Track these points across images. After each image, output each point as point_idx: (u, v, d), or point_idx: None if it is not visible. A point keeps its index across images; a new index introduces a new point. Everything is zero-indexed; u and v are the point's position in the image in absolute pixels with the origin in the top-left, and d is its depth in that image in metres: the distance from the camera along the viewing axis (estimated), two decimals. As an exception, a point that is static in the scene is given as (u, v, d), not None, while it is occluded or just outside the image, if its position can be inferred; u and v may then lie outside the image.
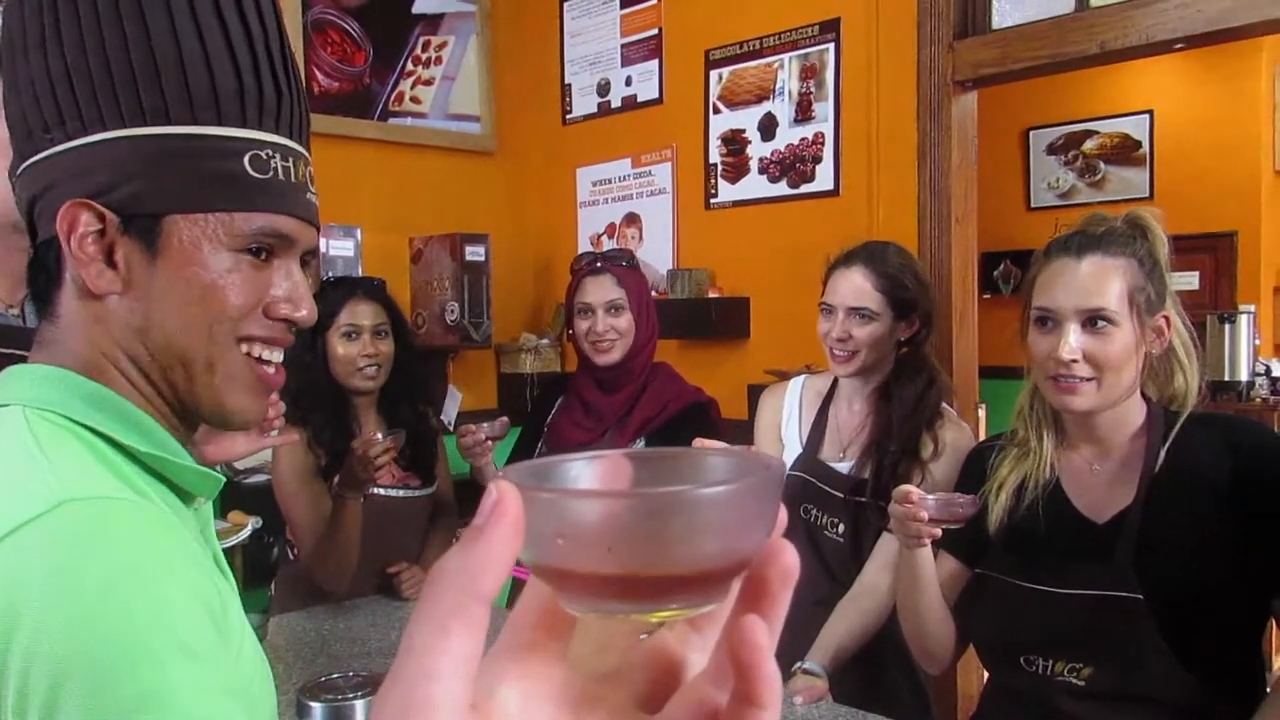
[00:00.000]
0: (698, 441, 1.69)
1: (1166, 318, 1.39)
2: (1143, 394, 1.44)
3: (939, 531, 1.43)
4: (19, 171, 0.75)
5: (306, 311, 0.80)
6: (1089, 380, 1.36)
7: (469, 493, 2.38)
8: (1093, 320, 1.35)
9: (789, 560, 0.31)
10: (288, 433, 1.74)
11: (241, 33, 0.74)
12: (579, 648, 0.33)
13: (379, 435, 1.94)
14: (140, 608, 0.61)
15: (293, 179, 0.77)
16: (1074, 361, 1.35)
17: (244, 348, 0.77)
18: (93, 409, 0.72)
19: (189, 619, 0.64)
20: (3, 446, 0.69)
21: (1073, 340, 1.35)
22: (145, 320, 0.74)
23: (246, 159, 0.74)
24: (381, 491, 2.12)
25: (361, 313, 2.11)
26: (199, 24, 0.73)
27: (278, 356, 0.80)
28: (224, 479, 0.80)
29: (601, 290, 2.11)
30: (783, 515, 0.32)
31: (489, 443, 2.13)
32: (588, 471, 0.34)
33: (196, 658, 0.62)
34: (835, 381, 1.97)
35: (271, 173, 0.75)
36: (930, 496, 1.42)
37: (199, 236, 0.73)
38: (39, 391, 0.72)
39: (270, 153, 0.75)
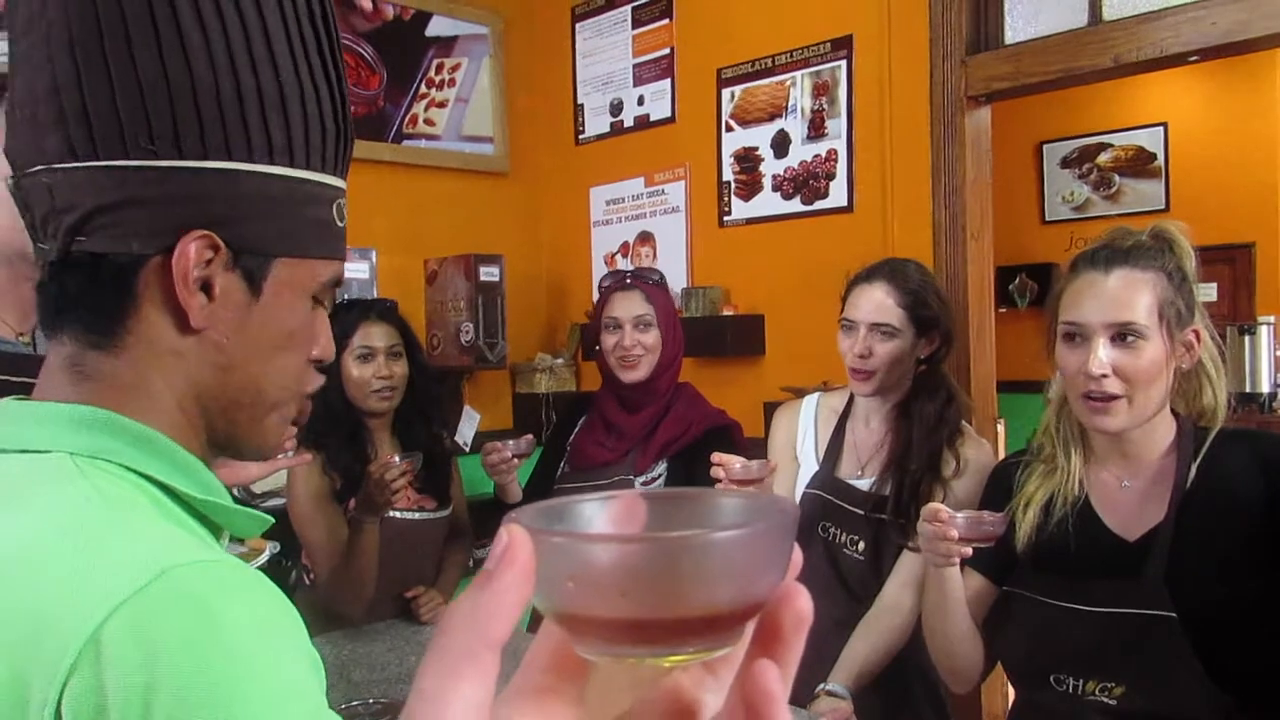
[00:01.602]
0: (716, 456, 1.68)
1: (1196, 332, 1.37)
2: (1172, 410, 1.42)
3: (969, 551, 1.41)
4: (70, 166, 0.65)
5: (331, 354, 0.80)
6: (1120, 398, 1.34)
7: (487, 513, 2.37)
8: (1122, 334, 1.34)
9: (803, 605, 0.30)
10: (301, 455, 1.74)
11: (335, 75, 0.73)
12: (595, 690, 0.32)
13: (395, 459, 1.94)
14: (271, 675, 0.59)
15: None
16: (1104, 376, 1.33)
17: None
18: (144, 454, 0.67)
19: (311, 678, 0.62)
20: (64, 502, 0.62)
21: (1102, 354, 1.33)
22: (229, 359, 0.71)
23: (334, 207, 0.74)
24: (397, 514, 2.12)
25: (375, 334, 2.11)
26: (310, 62, 0.71)
27: None
28: (272, 519, 0.77)
29: (630, 305, 2.11)
30: (797, 557, 0.31)
31: (515, 460, 2.12)
32: (601, 513, 0.33)
33: (322, 715, 0.61)
34: (851, 398, 1.95)
35: (344, 221, 0.75)
36: (960, 515, 1.40)
37: (294, 281, 0.72)
38: (84, 438, 0.66)
39: (343, 200, 0.75)
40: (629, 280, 2.17)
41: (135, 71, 0.64)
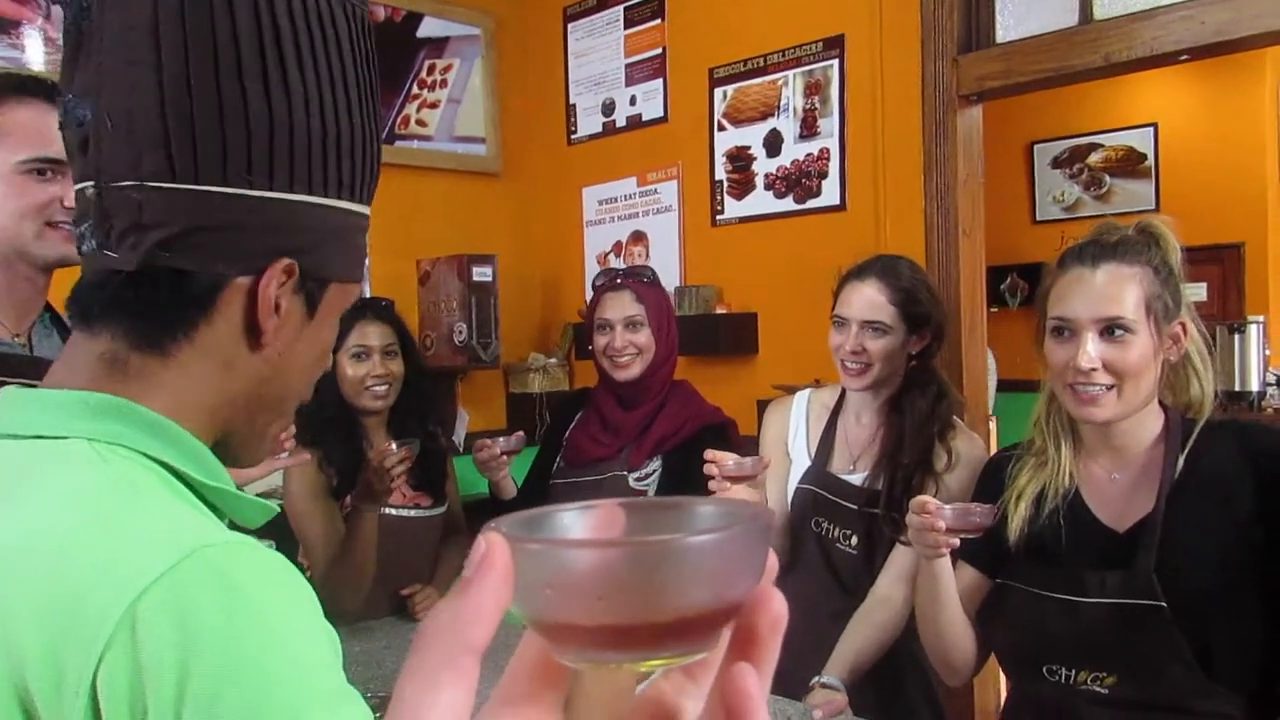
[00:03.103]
0: (709, 453, 1.69)
1: (1183, 324, 1.39)
2: (1160, 402, 1.43)
3: (957, 542, 1.42)
4: (167, 186, 0.68)
5: (329, 366, 0.86)
6: (1109, 390, 1.35)
7: (482, 511, 2.37)
8: (1110, 329, 1.35)
9: (778, 608, 0.31)
10: (299, 454, 1.74)
11: (379, 117, 0.78)
12: (577, 698, 0.33)
13: (393, 446, 1.94)
14: (301, 652, 0.61)
15: None
16: (1093, 370, 1.34)
17: None
18: (157, 440, 0.69)
19: (333, 656, 0.64)
20: (89, 487, 0.64)
21: (1091, 349, 1.34)
22: (273, 372, 0.75)
23: (365, 235, 0.80)
24: (393, 512, 2.11)
25: (370, 333, 2.11)
26: (366, 107, 0.76)
27: None
28: (277, 508, 0.79)
29: (620, 306, 2.11)
30: (772, 561, 0.32)
31: (504, 457, 2.12)
32: (580, 522, 0.34)
33: (351, 699, 0.63)
34: (842, 394, 1.96)
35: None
36: (948, 507, 1.41)
37: (338, 303, 0.78)
38: (98, 423, 0.68)
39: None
40: (620, 280, 2.17)
41: (245, 106, 0.68)
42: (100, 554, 0.60)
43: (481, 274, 3.30)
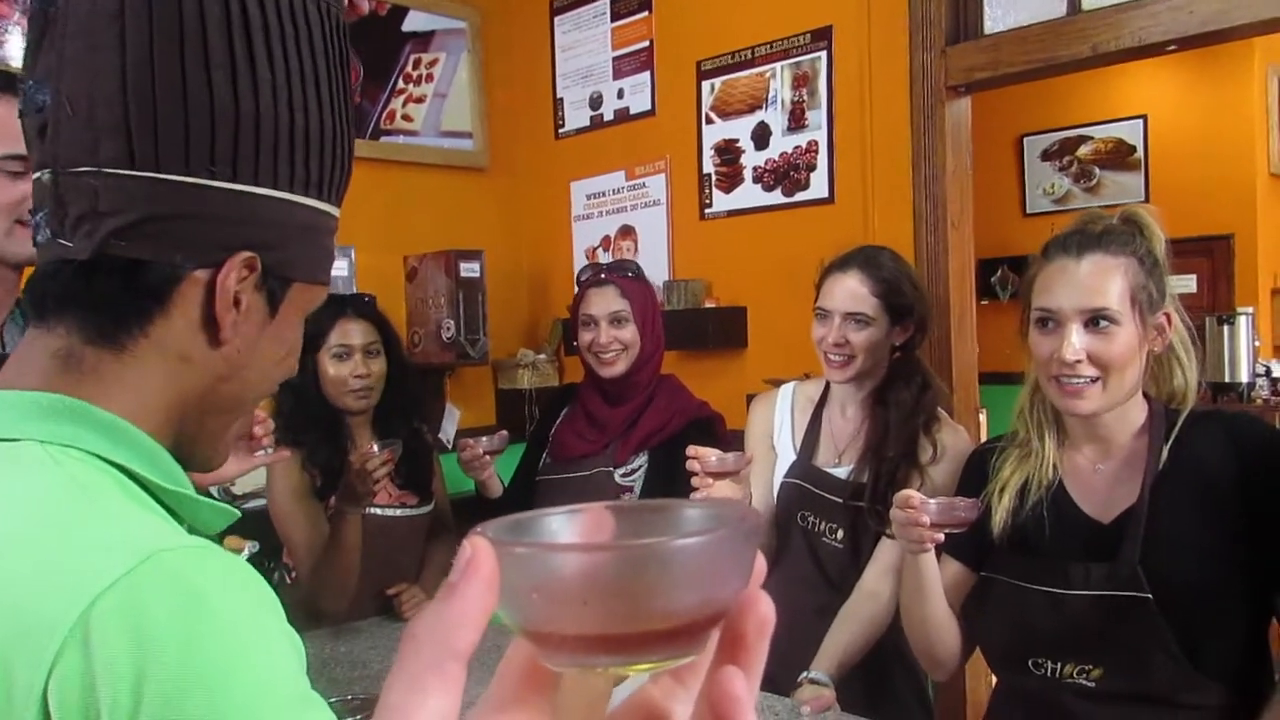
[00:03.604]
0: (691, 449, 1.67)
1: (1168, 315, 1.38)
2: (1143, 393, 1.42)
3: (941, 537, 1.42)
4: (125, 173, 0.66)
5: (295, 371, 0.85)
6: (1094, 382, 1.35)
7: (470, 510, 2.35)
8: (1095, 320, 1.34)
9: (765, 611, 0.31)
10: (279, 451, 1.72)
11: (352, 116, 0.77)
12: (566, 702, 0.33)
13: (375, 448, 1.92)
14: (261, 658, 0.60)
15: None
16: (1078, 362, 1.33)
17: None
18: (112, 442, 0.67)
19: (295, 661, 0.63)
20: (41, 491, 0.62)
21: (1075, 341, 1.33)
22: (232, 371, 0.74)
23: (333, 236, 0.79)
24: (378, 511, 2.10)
25: (352, 332, 2.08)
26: (338, 105, 0.75)
27: None
28: (237, 512, 0.77)
29: (605, 302, 2.09)
30: (760, 564, 0.31)
31: (487, 457, 2.11)
32: (568, 526, 0.33)
33: (314, 704, 0.62)
34: (827, 387, 1.95)
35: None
36: (932, 501, 1.40)
37: (302, 303, 0.77)
38: (52, 425, 0.66)
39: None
40: (604, 276, 2.16)
41: (211, 96, 0.67)
42: (52, 559, 0.58)
43: (469, 270, 3.28)
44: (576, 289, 2.22)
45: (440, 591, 0.28)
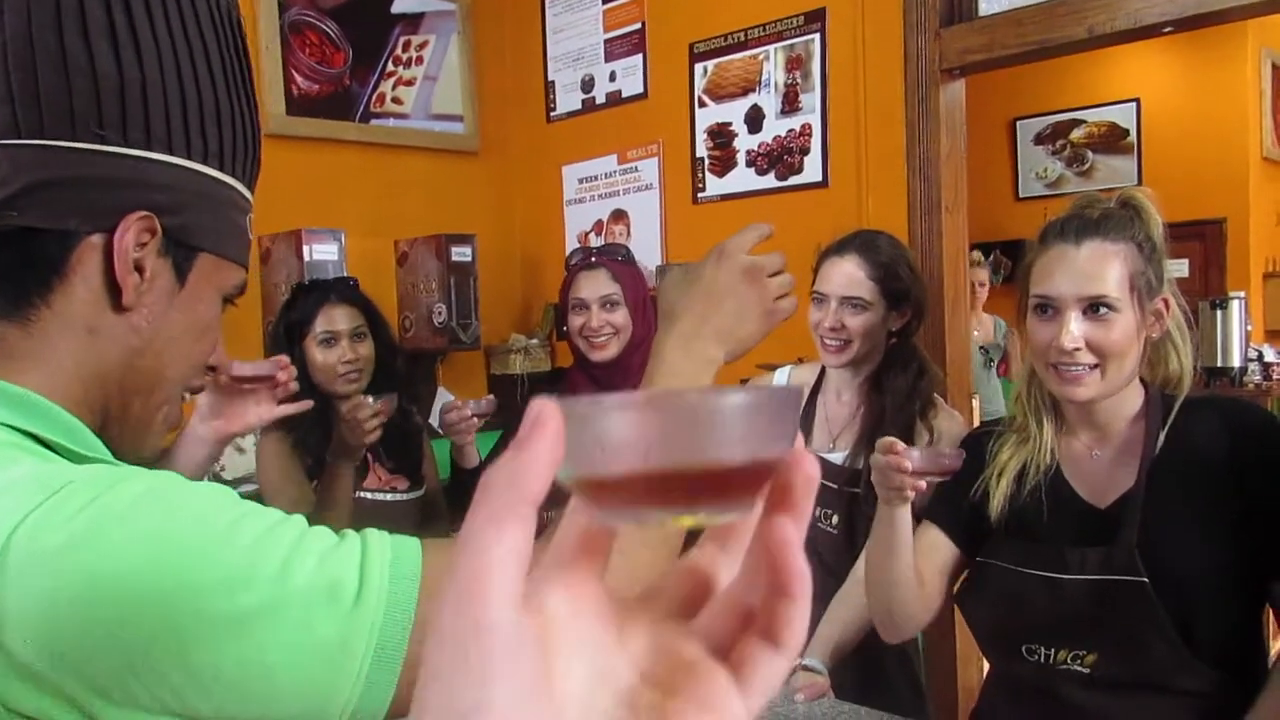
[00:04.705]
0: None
1: (1165, 301, 1.37)
2: (1140, 378, 1.42)
3: (923, 485, 1.37)
4: (11, 142, 0.68)
5: (225, 360, 0.88)
6: (1093, 369, 1.34)
7: (455, 493, 2.33)
8: (1094, 307, 1.33)
9: (810, 467, 0.33)
10: (304, 402, 1.66)
11: (254, 106, 0.78)
12: (614, 579, 0.35)
13: (370, 400, 1.88)
14: (195, 571, 0.59)
15: None
16: (1076, 350, 1.32)
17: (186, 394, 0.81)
18: (22, 413, 0.67)
19: (224, 497, 0.63)
20: None
21: (1074, 328, 1.32)
22: (143, 343, 0.73)
23: (248, 218, 0.80)
24: (369, 495, 2.08)
25: (337, 317, 2.06)
26: (237, 89, 0.75)
27: None
28: None
29: (596, 285, 2.07)
30: (800, 440, 0.33)
31: (475, 420, 2.07)
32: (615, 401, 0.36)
33: (250, 516, 0.62)
34: (822, 372, 1.94)
35: (252, 235, 0.81)
36: (916, 449, 1.37)
37: (214, 277, 0.77)
38: None
39: (252, 216, 0.81)
40: (594, 259, 2.14)
41: (92, 63, 0.68)
42: None
43: (460, 254, 3.26)
44: (566, 273, 2.20)
45: (510, 447, 0.30)
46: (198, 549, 0.58)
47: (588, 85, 3.49)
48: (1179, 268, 4.96)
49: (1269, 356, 4.53)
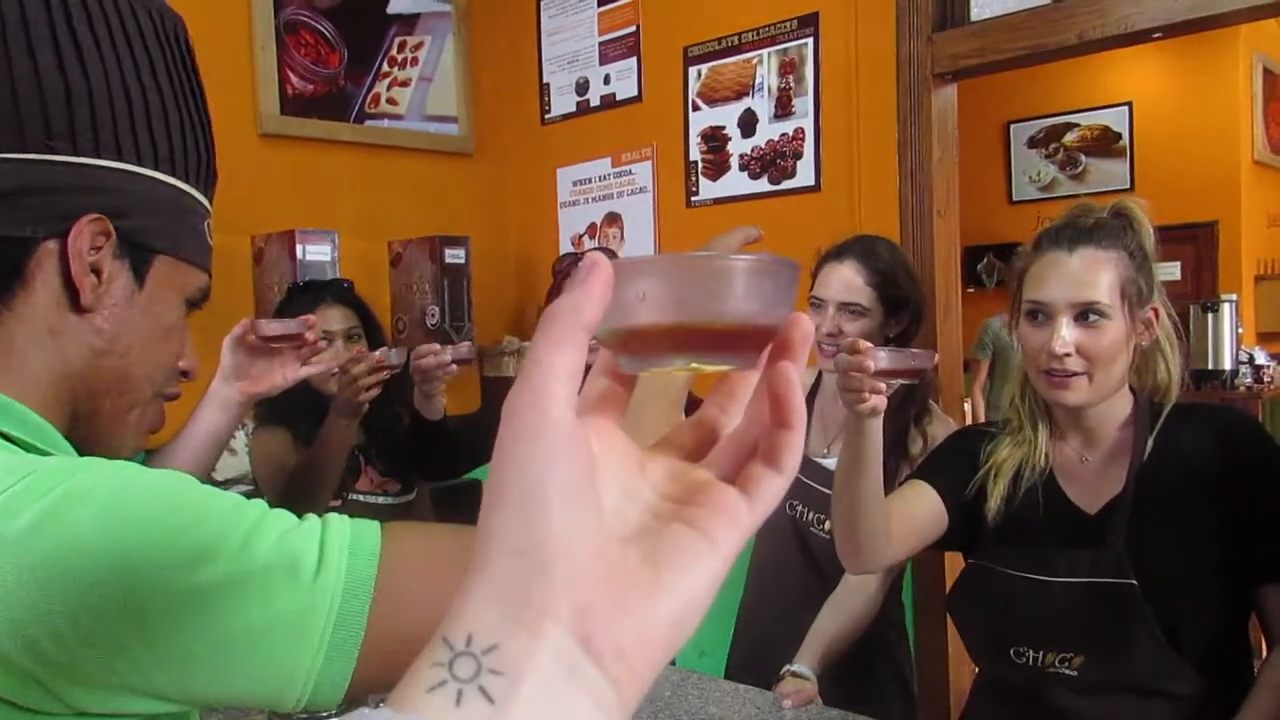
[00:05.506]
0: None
1: (1155, 310, 1.39)
2: (1129, 386, 1.43)
3: (884, 387, 1.29)
4: None
5: (196, 367, 0.88)
6: (1081, 374, 1.35)
7: (454, 498, 2.34)
8: (1085, 313, 1.35)
9: (807, 325, 0.40)
10: (330, 362, 1.64)
11: (207, 120, 0.81)
12: (634, 417, 0.42)
13: (370, 354, 1.82)
14: (163, 550, 0.60)
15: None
16: (1067, 355, 1.34)
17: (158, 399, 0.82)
18: None
19: (179, 480, 0.64)
20: None
21: (1065, 333, 1.34)
22: (108, 345, 0.75)
23: (207, 224, 0.82)
24: (360, 497, 2.08)
25: (332, 318, 2.06)
26: (188, 100, 0.78)
27: None
28: None
29: None
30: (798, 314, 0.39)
31: (453, 368, 1.94)
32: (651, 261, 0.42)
33: (213, 499, 0.63)
34: (819, 376, 1.95)
35: (212, 241, 0.84)
36: (883, 349, 1.30)
37: (173, 281, 0.79)
38: None
39: (211, 223, 0.83)
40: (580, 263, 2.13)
41: (37, 75, 0.69)
42: None
43: (454, 256, 3.25)
44: (553, 278, 2.19)
45: (568, 285, 0.35)
46: (159, 526, 0.59)
47: (582, 88, 3.49)
48: (1170, 271, 4.98)
49: (1260, 359, 4.55)
